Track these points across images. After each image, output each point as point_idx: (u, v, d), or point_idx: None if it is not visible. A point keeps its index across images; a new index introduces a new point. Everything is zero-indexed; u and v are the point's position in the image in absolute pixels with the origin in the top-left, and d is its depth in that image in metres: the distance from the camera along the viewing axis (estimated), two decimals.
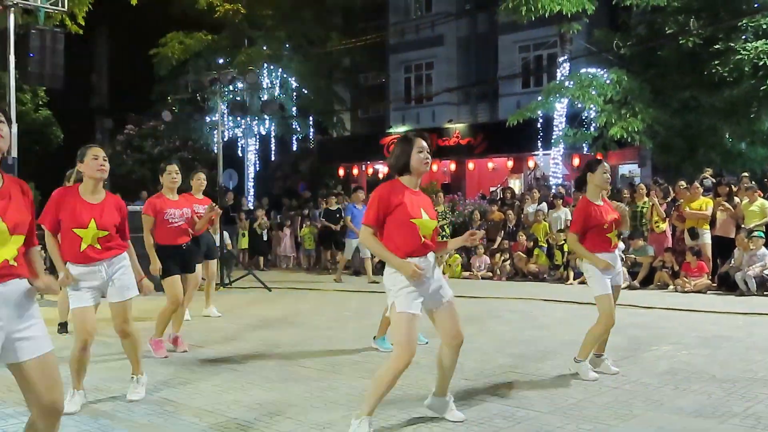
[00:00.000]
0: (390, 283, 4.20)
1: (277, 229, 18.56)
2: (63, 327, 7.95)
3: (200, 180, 8.55)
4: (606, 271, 5.54)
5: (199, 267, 8.91)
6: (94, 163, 4.77)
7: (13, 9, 13.78)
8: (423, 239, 4.21)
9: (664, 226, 12.99)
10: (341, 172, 26.69)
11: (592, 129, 18.45)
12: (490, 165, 24.24)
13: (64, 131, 26.68)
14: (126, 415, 4.75)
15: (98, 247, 4.80)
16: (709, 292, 11.50)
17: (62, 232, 4.80)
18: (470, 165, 24.84)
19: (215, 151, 22.58)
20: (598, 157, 8.00)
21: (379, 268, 12.68)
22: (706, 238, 12.20)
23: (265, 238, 18.17)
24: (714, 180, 14.05)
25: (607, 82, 17.86)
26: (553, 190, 18.14)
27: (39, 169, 22.64)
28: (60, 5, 14.67)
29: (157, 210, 6.69)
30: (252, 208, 19.96)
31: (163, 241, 6.71)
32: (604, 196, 5.88)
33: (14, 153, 13.77)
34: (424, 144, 4.28)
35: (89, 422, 4.59)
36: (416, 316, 4.16)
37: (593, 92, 17.86)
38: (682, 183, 13.13)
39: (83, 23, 17.01)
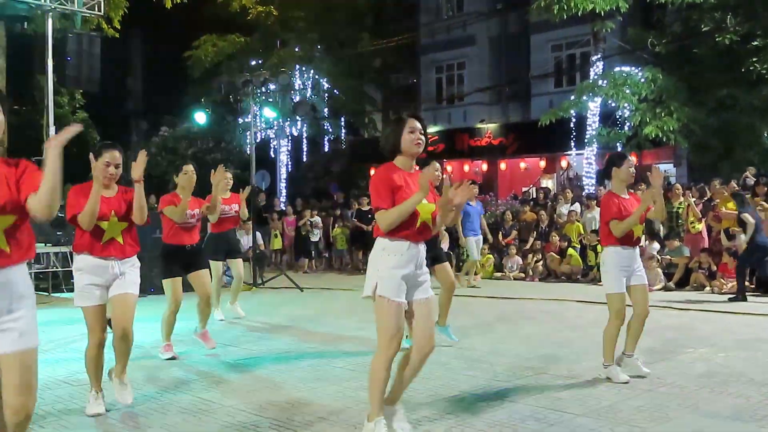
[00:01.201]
0: (378, 261, 3.99)
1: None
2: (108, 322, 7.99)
3: (225, 179, 8.60)
4: (625, 266, 5.49)
5: (219, 264, 8.96)
6: (105, 170, 4.77)
7: (50, 14, 14.05)
8: (420, 224, 4.00)
9: (700, 226, 12.79)
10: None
11: (626, 128, 18.25)
12: (523, 165, 24.11)
13: (100, 133, 27.09)
14: (160, 415, 4.80)
15: (121, 241, 4.80)
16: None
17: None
18: (502, 165, 24.73)
19: (248, 152, 22.74)
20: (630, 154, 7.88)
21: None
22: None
23: (316, 238, 17.64)
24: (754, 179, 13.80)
25: (642, 80, 17.65)
26: (586, 190, 17.98)
27: (76, 171, 23.01)
28: (97, 9, 14.93)
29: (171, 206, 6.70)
30: (284, 208, 20.03)
31: (169, 240, 6.71)
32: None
33: None
34: (417, 124, 4.05)
35: (124, 421, 4.66)
36: (402, 304, 3.95)
37: (627, 91, 17.67)
38: (717, 183, 12.91)
39: (119, 27, 17.27)
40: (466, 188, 3.95)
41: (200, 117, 21.06)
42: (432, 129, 25.02)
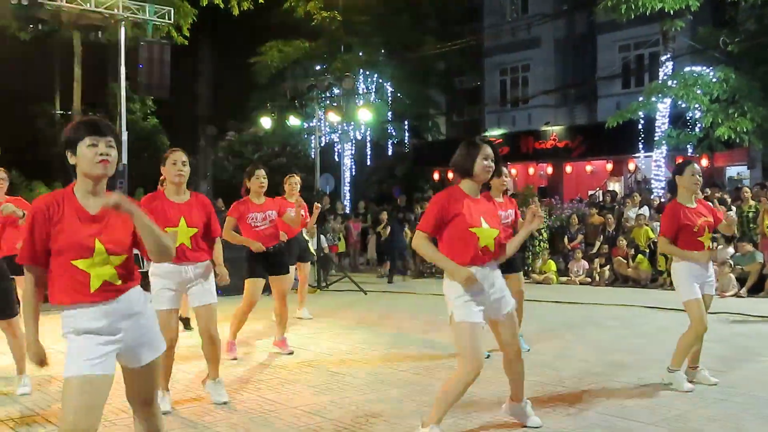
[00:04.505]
0: (449, 292, 4.12)
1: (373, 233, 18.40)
2: (186, 323, 8.19)
3: (292, 184, 8.72)
4: (696, 274, 5.33)
5: (292, 269, 9.08)
6: (173, 168, 4.93)
7: (123, 23, 14.52)
8: (481, 249, 4.10)
9: None
10: (436, 176, 26.67)
11: (697, 129, 17.74)
12: (589, 168, 23.68)
13: (170, 138, 27.84)
14: (225, 415, 4.90)
15: (189, 246, 4.94)
16: None
17: None
18: (568, 168, 24.34)
19: (312, 156, 22.99)
20: (692, 160, 7.60)
21: None
22: None
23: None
24: None
25: (714, 80, 17.12)
26: (654, 194, 17.57)
27: (147, 175, 23.68)
28: (167, 18, 15.37)
29: (240, 213, 6.80)
30: (347, 212, 20.14)
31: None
32: (699, 197, 5.66)
33: (124, 159, 14.51)
34: (490, 151, 4.22)
35: (191, 420, 4.76)
36: (477, 325, 4.05)
37: (698, 91, 17.16)
38: None
39: (188, 34, 17.70)
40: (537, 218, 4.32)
41: (266, 121, 21.40)
42: (496, 132, 24.84)
